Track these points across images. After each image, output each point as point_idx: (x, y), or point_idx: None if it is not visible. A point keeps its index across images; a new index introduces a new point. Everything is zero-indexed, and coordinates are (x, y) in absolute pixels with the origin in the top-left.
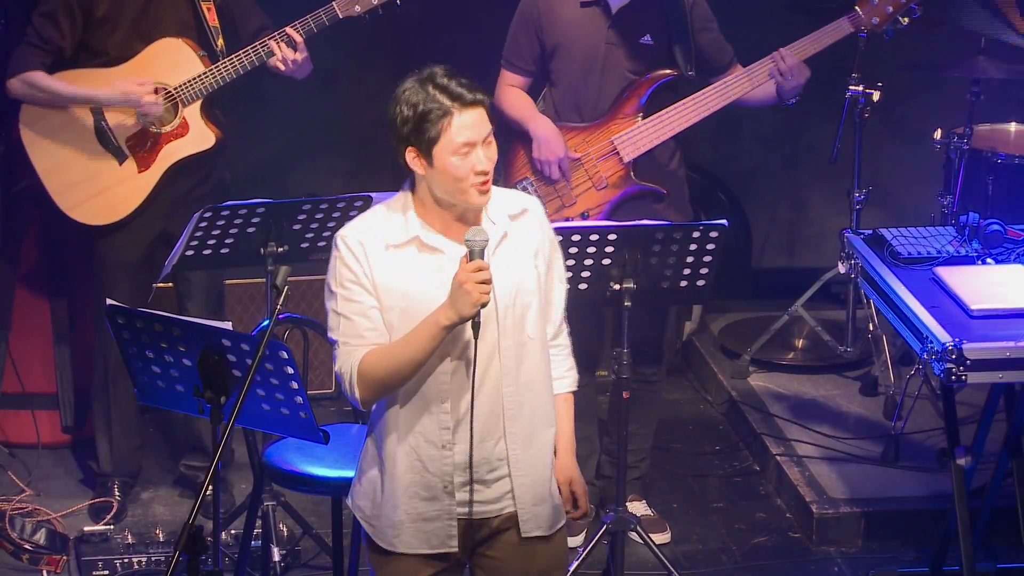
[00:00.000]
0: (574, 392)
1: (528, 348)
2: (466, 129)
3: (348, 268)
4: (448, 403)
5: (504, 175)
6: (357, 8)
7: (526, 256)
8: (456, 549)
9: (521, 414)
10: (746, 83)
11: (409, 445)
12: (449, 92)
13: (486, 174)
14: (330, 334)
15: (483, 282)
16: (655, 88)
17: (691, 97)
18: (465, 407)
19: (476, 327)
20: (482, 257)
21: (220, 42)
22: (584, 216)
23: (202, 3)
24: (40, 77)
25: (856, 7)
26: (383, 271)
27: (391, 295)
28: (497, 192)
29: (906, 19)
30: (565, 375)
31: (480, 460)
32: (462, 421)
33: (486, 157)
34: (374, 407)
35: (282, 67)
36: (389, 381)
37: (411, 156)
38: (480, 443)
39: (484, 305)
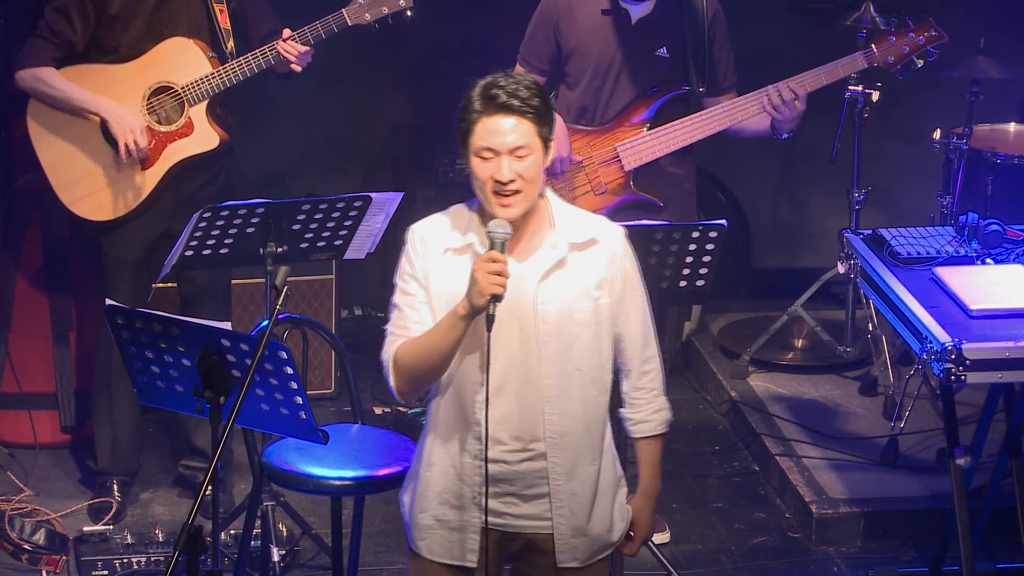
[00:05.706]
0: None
1: (575, 379)
2: (489, 135)
3: (408, 261)
4: (482, 414)
5: None
6: (367, 16)
7: (584, 287)
8: (475, 565)
9: (563, 444)
10: (755, 107)
11: (447, 451)
12: (487, 95)
13: (503, 185)
14: (386, 326)
15: (495, 273)
16: (665, 100)
17: (699, 113)
18: (496, 420)
19: (490, 320)
20: (502, 250)
21: (231, 44)
22: None
23: (215, 4)
24: (48, 74)
25: (872, 44)
26: (436, 272)
27: (439, 297)
28: (575, 216)
29: (921, 62)
30: (650, 418)
31: (518, 474)
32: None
33: (509, 168)
34: (429, 408)
35: (298, 68)
36: (417, 371)
37: (464, 156)
38: (521, 461)
39: (498, 298)
